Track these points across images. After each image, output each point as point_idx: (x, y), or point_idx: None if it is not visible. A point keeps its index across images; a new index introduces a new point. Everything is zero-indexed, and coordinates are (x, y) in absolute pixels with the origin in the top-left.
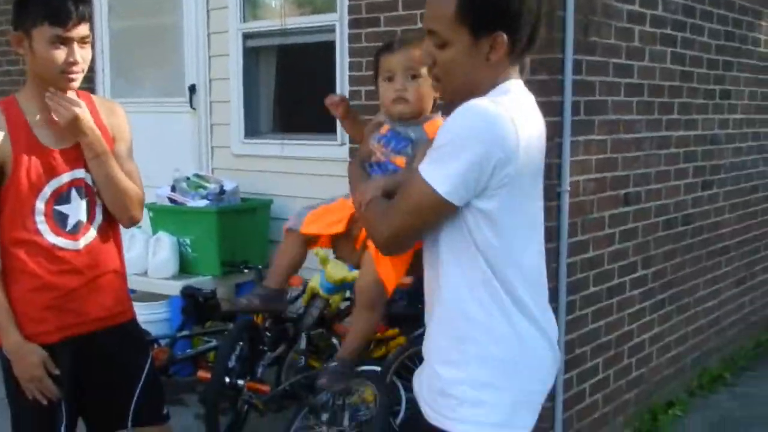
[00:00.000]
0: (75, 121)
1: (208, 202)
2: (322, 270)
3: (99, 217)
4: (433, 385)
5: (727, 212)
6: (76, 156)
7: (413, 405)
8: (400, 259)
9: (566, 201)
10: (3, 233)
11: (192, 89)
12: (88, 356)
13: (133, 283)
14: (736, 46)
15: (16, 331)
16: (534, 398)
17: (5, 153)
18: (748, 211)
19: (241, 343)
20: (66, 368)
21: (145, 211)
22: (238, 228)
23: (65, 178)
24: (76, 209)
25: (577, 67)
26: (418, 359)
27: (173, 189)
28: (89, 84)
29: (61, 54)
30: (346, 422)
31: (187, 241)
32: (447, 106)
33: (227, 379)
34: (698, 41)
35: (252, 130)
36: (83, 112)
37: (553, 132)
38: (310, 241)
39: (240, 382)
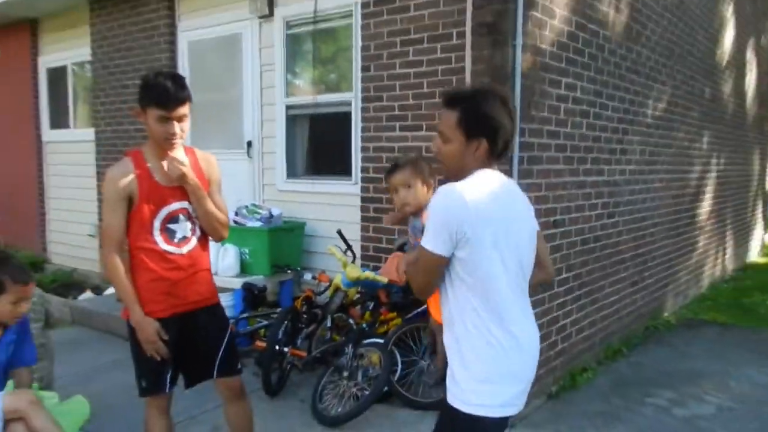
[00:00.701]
0: (182, 176)
1: (261, 223)
2: (343, 271)
3: (198, 233)
4: (451, 377)
5: (624, 234)
6: (182, 192)
7: (407, 366)
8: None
9: None
10: (130, 242)
11: (249, 144)
12: (188, 327)
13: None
14: (630, 117)
15: (140, 309)
16: (511, 388)
17: (133, 188)
18: (639, 234)
19: (285, 322)
20: (172, 335)
21: None
22: (282, 242)
23: (174, 206)
24: (182, 228)
25: (522, 132)
26: (410, 334)
27: (236, 214)
28: None
29: (164, 128)
30: (360, 377)
31: (246, 250)
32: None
33: (276, 347)
34: (604, 114)
35: (291, 173)
36: (188, 169)
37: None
38: None
39: (285, 349)
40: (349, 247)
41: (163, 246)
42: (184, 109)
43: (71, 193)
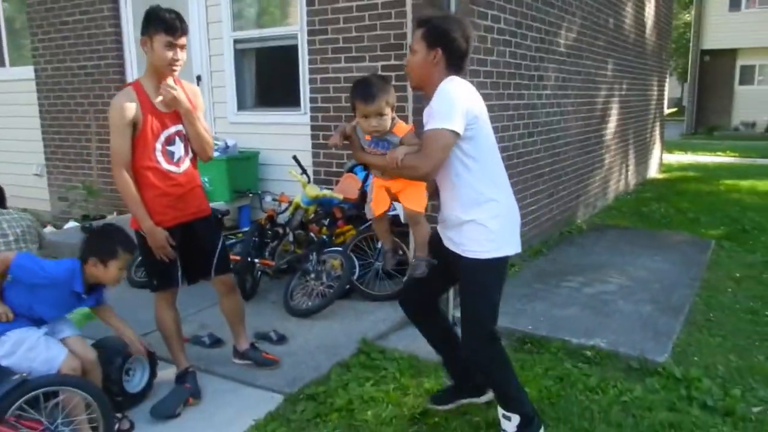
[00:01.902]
0: (174, 99)
1: (218, 153)
2: (302, 191)
3: (190, 154)
4: (457, 229)
5: (542, 152)
6: (177, 117)
7: (363, 267)
8: (421, 192)
9: None
10: (136, 163)
11: (198, 78)
12: (189, 234)
13: None
14: (545, 47)
15: (149, 219)
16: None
17: (137, 115)
18: (554, 152)
19: (254, 238)
20: (177, 241)
21: None
22: (239, 170)
23: (172, 129)
24: (179, 149)
25: None
26: (364, 241)
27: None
28: (121, 75)
29: (169, 53)
30: (324, 278)
31: (206, 179)
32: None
33: (249, 258)
34: (524, 44)
35: (242, 105)
36: (179, 93)
37: None
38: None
39: (256, 261)
40: (304, 170)
41: (165, 165)
42: (185, 39)
43: (12, 133)
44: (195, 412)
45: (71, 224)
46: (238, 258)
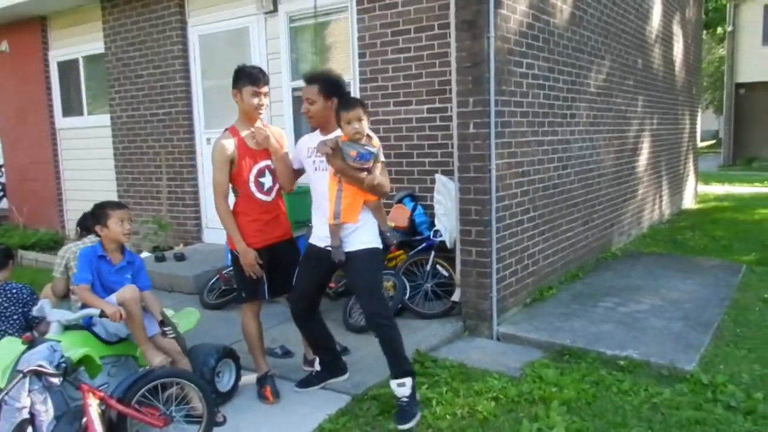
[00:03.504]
0: (265, 139)
1: None
2: None
3: (276, 186)
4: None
5: (576, 183)
6: (266, 154)
7: (413, 288)
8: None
9: (494, 174)
10: (235, 193)
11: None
12: (274, 254)
13: None
14: (577, 87)
15: (243, 241)
16: None
17: (234, 153)
18: (587, 182)
19: None
20: (264, 260)
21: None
22: (298, 203)
23: (262, 164)
24: (268, 180)
25: (496, 103)
26: (413, 265)
27: None
28: (189, 120)
29: (255, 100)
30: None
31: None
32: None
33: None
34: (557, 86)
35: None
36: (269, 135)
37: (486, 137)
38: None
39: None
40: None
41: (257, 195)
42: (267, 88)
43: (88, 174)
44: (276, 409)
45: (144, 254)
46: None
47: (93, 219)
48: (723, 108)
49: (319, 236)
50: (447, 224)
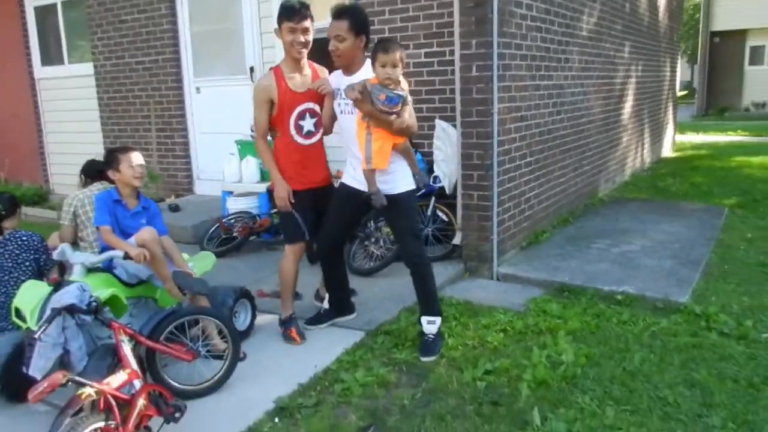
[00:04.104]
0: (330, 92)
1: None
2: None
3: (319, 130)
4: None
5: (569, 129)
6: (308, 96)
7: None
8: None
9: (495, 118)
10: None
11: (251, 69)
12: (317, 200)
13: (232, 187)
14: (570, 31)
15: (280, 176)
16: None
17: (274, 94)
18: (578, 129)
19: None
20: (306, 204)
21: (234, 144)
22: None
23: (302, 107)
24: (308, 124)
25: (499, 45)
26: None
27: (252, 131)
28: (178, 68)
29: (290, 36)
30: (382, 243)
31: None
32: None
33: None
34: (552, 29)
35: None
36: (329, 86)
37: (488, 80)
38: None
39: None
40: None
41: (296, 138)
42: (307, 23)
43: (71, 126)
44: (293, 345)
45: None
46: None
47: (105, 165)
48: (698, 57)
49: (353, 177)
50: (446, 170)
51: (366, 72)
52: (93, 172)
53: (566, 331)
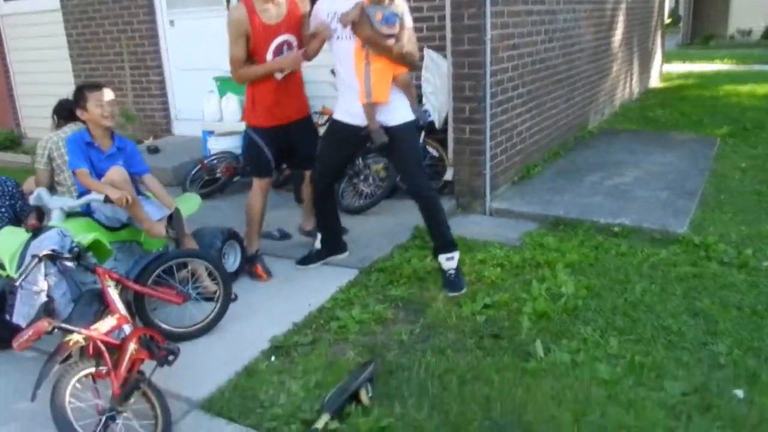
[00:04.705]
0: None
1: None
2: None
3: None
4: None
5: (561, 58)
6: (284, 28)
7: None
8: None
9: (488, 47)
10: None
11: (227, 0)
12: (288, 133)
13: (213, 126)
14: None
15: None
16: None
17: (248, 29)
18: (570, 58)
19: None
20: (276, 139)
21: (213, 81)
22: None
23: (279, 39)
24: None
25: None
26: None
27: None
28: (150, 1)
29: None
30: (371, 181)
31: (244, 98)
32: None
33: None
34: None
35: None
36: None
37: (481, 4)
38: None
39: None
40: None
41: (276, 74)
42: None
43: (40, 66)
44: (284, 284)
45: None
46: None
47: (74, 104)
48: None
49: (349, 112)
50: (435, 103)
51: None
52: (65, 112)
53: (564, 263)
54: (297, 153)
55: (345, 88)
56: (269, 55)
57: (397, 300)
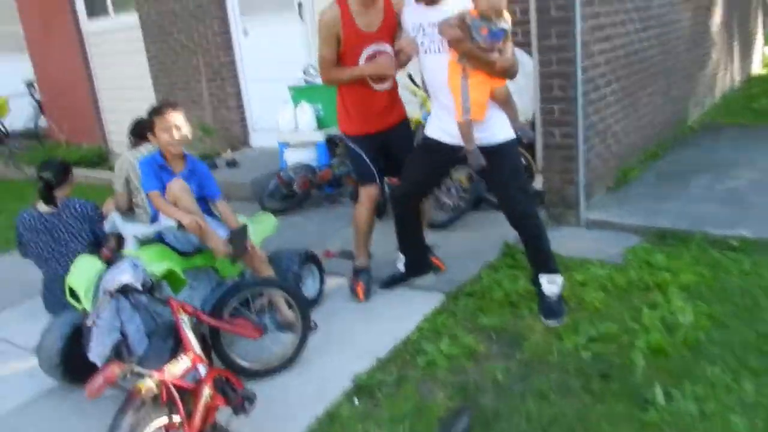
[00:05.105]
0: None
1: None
2: (423, 106)
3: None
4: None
5: (656, 47)
6: (380, 35)
7: None
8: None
9: (579, 41)
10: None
11: (300, 5)
12: (387, 139)
13: (288, 137)
14: None
15: (364, 67)
16: None
17: (339, 32)
18: (666, 47)
19: None
20: (376, 146)
21: (288, 90)
22: None
23: (372, 48)
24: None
25: None
26: None
27: (305, 73)
28: (223, 10)
29: None
30: (454, 192)
31: (319, 106)
32: None
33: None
34: None
35: None
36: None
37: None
38: None
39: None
40: (419, 88)
41: (368, 83)
42: None
43: (123, 82)
44: (367, 311)
45: None
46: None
47: (140, 130)
48: None
49: (443, 129)
50: (520, 104)
51: (455, 1)
52: (141, 131)
53: (678, 286)
54: (395, 159)
55: (436, 103)
56: (360, 61)
57: (489, 330)
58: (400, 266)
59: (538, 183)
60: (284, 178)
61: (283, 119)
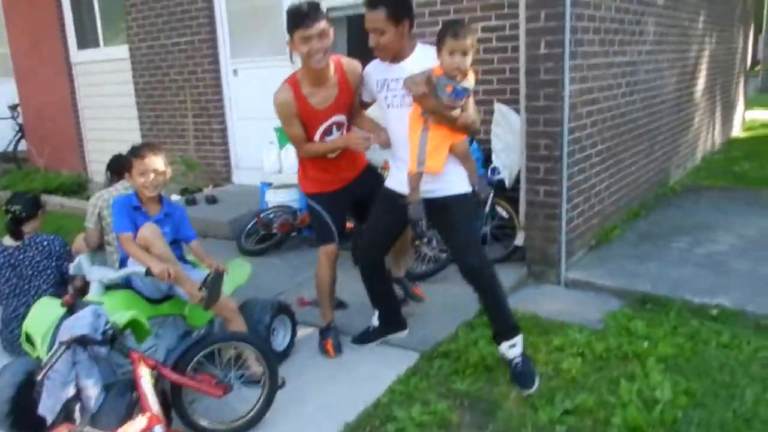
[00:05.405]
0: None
1: None
2: None
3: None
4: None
5: (641, 111)
6: (334, 110)
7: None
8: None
9: (566, 103)
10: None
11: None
12: (351, 192)
13: (272, 177)
14: (641, 9)
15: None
16: None
17: (296, 112)
18: (651, 111)
19: None
20: (342, 203)
21: (274, 131)
22: None
23: (327, 123)
24: (336, 135)
25: (571, 17)
26: None
27: None
28: (214, 49)
29: (305, 48)
30: (435, 244)
31: None
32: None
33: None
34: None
35: None
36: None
37: (559, 58)
38: None
39: None
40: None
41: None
42: (321, 25)
43: (108, 112)
44: (338, 367)
45: (173, 197)
46: (351, 225)
47: (117, 169)
48: (763, 24)
49: (398, 180)
50: (506, 161)
51: (418, 58)
52: (119, 168)
53: (657, 357)
54: (368, 205)
55: (395, 155)
56: (317, 136)
57: (462, 396)
58: (374, 321)
59: (519, 239)
60: (264, 219)
61: (268, 160)
